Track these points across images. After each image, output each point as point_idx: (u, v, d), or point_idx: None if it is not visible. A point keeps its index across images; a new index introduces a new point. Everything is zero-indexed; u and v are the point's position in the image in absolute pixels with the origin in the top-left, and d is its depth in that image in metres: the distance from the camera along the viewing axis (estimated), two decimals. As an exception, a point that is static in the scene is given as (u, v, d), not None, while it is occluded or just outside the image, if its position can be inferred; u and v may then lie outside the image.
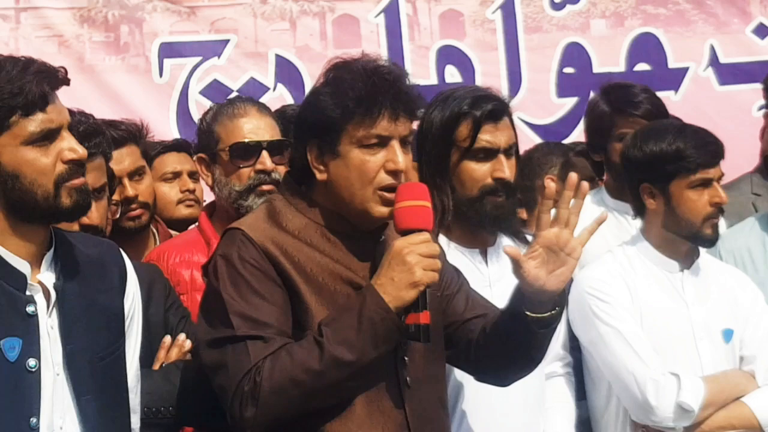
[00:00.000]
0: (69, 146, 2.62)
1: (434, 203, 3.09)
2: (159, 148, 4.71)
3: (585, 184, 2.96)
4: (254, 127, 3.75)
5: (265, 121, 3.80)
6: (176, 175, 4.75)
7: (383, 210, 2.88)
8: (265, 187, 3.66)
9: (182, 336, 3.37)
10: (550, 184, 2.99)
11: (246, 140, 3.72)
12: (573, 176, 2.95)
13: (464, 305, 3.13)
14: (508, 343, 3.02)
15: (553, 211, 2.97)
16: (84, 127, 3.26)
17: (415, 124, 3.06)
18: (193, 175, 4.71)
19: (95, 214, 3.31)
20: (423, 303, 2.80)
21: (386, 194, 2.88)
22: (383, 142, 2.88)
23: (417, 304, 2.80)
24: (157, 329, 3.34)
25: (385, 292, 2.77)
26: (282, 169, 3.62)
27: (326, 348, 2.75)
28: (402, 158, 2.89)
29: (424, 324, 2.81)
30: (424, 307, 2.81)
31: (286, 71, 5.99)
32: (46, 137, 2.60)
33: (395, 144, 2.89)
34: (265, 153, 3.70)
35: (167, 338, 3.35)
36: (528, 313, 2.93)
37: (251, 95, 4.62)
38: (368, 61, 2.96)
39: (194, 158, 3.86)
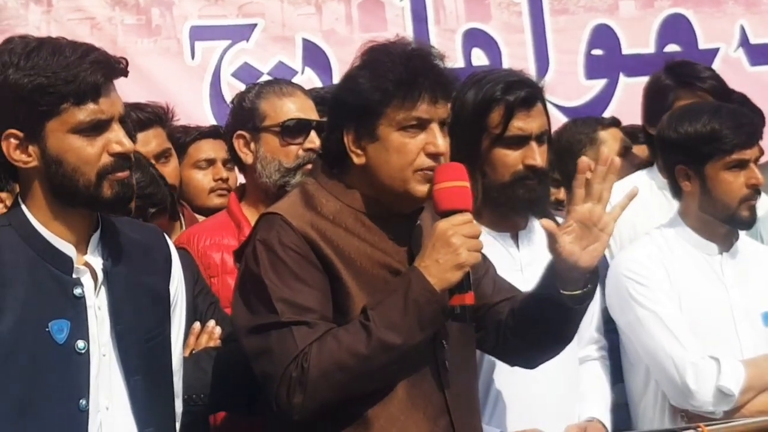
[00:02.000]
0: (117, 139, 2.61)
1: None
2: (195, 134, 4.67)
3: (617, 160, 2.96)
4: (302, 107, 3.77)
5: (309, 103, 3.83)
6: (210, 162, 4.71)
7: (424, 189, 2.88)
8: (310, 167, 3.66)
9: (212, 322, 3.36)
10: (584, 159, 2.99)
11: (297, 118, 3.73)
12: (605, 152, 2.96)
13: (492, 288, 3.13)
14: (539, 323, 3.02)
15: None
16: None
17: None
18: (227, 164, 4.67)
19: None
20: (467, 284, 2.82)
21: (427, 172, 2.87)
22: (423, 124, 2.88)
23: (462, 285, 2.81)
24: (187, 315, 3.30)
25: (430, 274, 2.78)
26: None
27: (373, 332, 2.76)
28: (442, 141, 2.89)
29: (470, 305, 2.82)
30: (468, 288, 2.82)
31: (313, 55, 5.99)
32: (95, 128, 2.59)
33: (435, 127, 2.89)
34: (313, 132, 3.71)
35: (197, 325, 3.34)
36: (562, 291, 2.93)
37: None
38: (405, 44, 2.96)
39: (233, 137, 3.83)
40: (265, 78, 5.54)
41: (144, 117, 3.99)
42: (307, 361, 2.74)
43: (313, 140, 3.70)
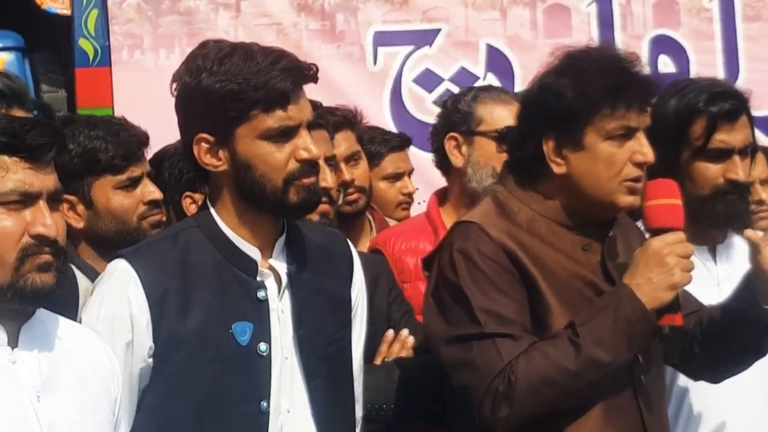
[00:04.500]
0: (304, 145, 2.62)
1: None
2: (384, 149, 4.69)
3: None
4: None
5: None
6: (398, 176, 4.74)
7: (630, 200, 2.83)
8: None
9: (405, 331, 3.34)
10: None
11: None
12: None
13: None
14: (731, 338, 2.93)
15: None
16: None
17: None
18: (411, 175, 4.67)
19: (330, 179, 3.32)
20: (677, 305, 2.77)
21: (633, 184, 2.82)
22: (630, 133, 2.82)
23: (671, 306, 2.76)
24: (380, 322, 3.31)
25: (642, 293, 2.74)
26: None
27: (582, 348, 2.72)
28: (649, 149, 2.83)
29: (679, 326, 2.78)
30: (678, 309, 2.77)
31: (496, 61, 5.97)
32: (283, 134, 2.61)
33: (641, 135, 2.83)
34: None
35: (390, 332, 3.33)
36: (763, 305, 2.84)
37: (461, 85, 4.59)
38: (606, 50, 2.92)
39: (443, 137, 3.82)
40: (446, 85, 5.54)
41: (333, 120, 4.03)
42: (514, 374, 2.71)
43: None
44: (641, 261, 2.76)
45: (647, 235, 2.89)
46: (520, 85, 5.55)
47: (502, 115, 3.73)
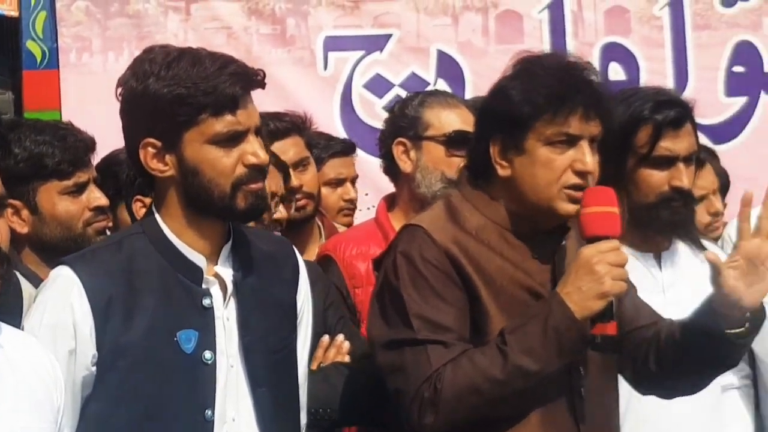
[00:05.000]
0: (252, 150, 2.61)
1: None
2: (327, 154, 4.69)
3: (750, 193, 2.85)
4: (466, 120, 3.71)
5: (472, 117, 3.77)
6: (340, 182, 4.74)
7: (569, 208, 2.81)
8: None
9: (341, 337, 3.34)
10: (748, 192, 2.86)
11: (464, 129, 3.68)
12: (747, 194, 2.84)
13: (633, 312, 3.03)
14: (690, 358, 2.91)
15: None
16: None
17: None
18: (355, 181, 4.67)
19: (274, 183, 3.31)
20: (610, 313, 2.74)
21: (573, 192, 2.80)
22: (572, 141, 2.81)
23: (604, 314, 2.73)
24: (315, 328, 3.29)
25: (571, 302, 2.71)
26: None
27: (510, 357, 2.71)
28: (590, 159, 2.81)
29: (611, 335, 2.75)
30: (611, 318, 2.74)
31: (447, 66, 5.97)
32: (232, 139, 2.60)
33: (584, 144, 2.82)
34: None
35: (326, 338, 3.33)
36: (725, 330, 2.81)
37: (412, 90, 4.59)
38: (561, 57, 2.92)
39: (391, 143, 3.81)
40: (396, 90, 5.55)
41: (282, 126, 4.02)
42: (440, 381, 2.71)
43: None
44: (573, 269, 2.74)
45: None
46: (471, 92, 5.56)
47: (449, 120, 3.74)
